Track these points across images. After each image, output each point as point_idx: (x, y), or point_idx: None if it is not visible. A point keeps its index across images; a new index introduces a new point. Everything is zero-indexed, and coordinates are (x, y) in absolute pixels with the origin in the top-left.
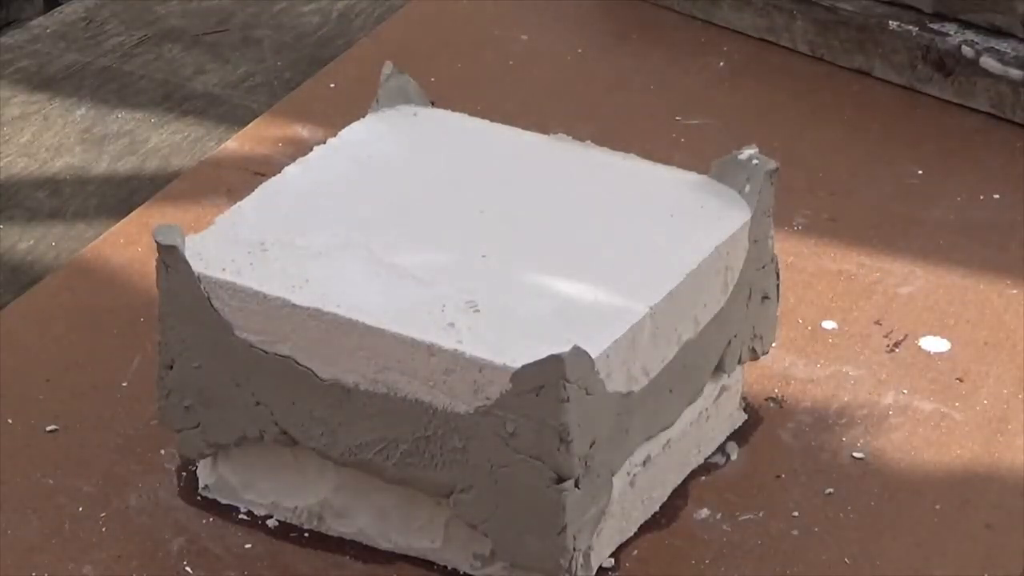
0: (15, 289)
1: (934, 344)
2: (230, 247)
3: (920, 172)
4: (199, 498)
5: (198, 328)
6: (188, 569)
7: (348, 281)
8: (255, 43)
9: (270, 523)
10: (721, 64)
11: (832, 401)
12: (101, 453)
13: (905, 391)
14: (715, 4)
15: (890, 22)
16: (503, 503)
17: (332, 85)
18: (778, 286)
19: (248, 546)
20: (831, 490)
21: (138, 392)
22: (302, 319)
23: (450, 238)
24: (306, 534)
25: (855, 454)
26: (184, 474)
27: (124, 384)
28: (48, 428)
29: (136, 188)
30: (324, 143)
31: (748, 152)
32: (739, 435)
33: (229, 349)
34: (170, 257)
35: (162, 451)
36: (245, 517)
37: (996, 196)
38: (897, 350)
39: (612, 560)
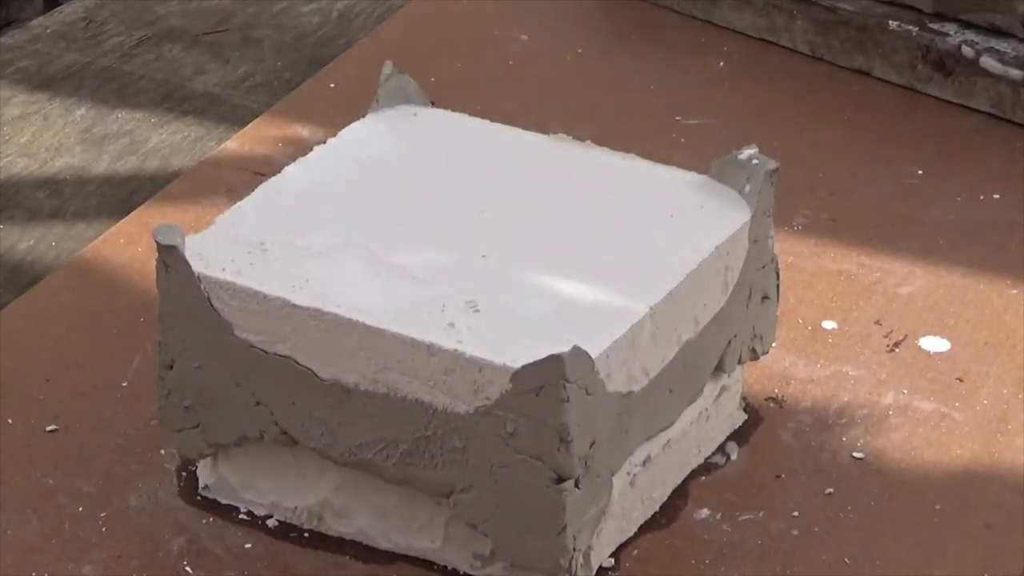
0: (15, 289)
1: (934, 344)
2: (230, 247)
3: (920, 172)
4: (199, 498)
5: (198, 328)
6: (188, 569)
7: (348, 281)
8: (255, 43)
9: (270, 523)
10: (721, 64)
11: (832, 401)
12: (101, 453)
13: (905, 391)
14: (715, 4)
15: (890, 22)
16: (503, 503)
17: (332, 85)
18: (778, 286)
19: (248, 546)
20: (831, 490)
21: (138, 392)
22: (302, 319)
23: (450, 238)
24: (306, 534)
25: (855, 454)
26: (184, 474)
27: (124, 384)
28: (48, 428)
29: (136, 188)
30: (324, 143)
31: (748, 152)
32: (739, 435)
33: (229, 349)
34: (170, 257)
35: (162, 451)
36: (245, 517)
37: (996, 196)
38: (897, 350)
39: (612, 560)
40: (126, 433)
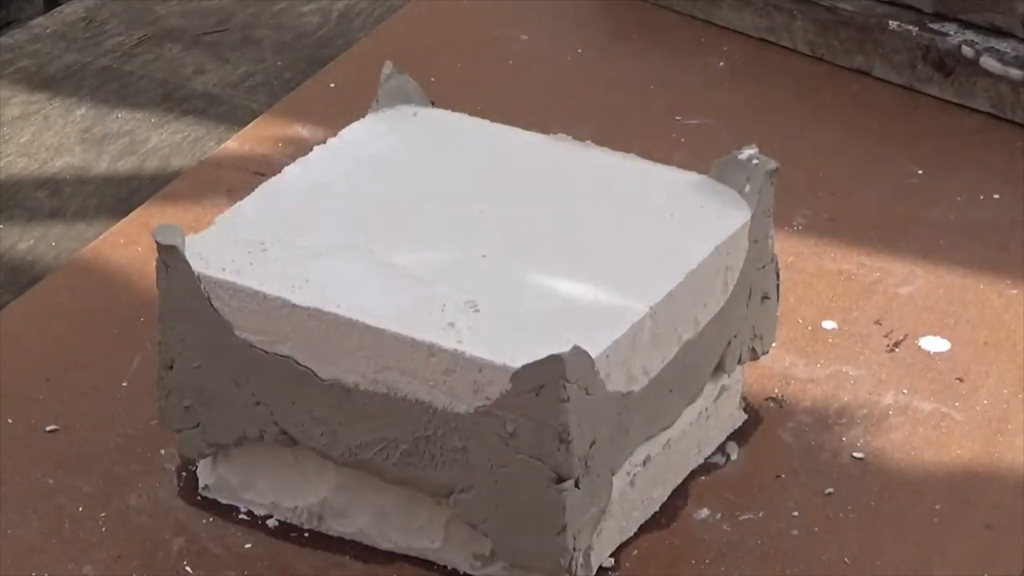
0: (15, 289)
1: (934, 344)
2: (230, 247)
3: (920, 172)
4: (199, 498)
5: (198, 328)
6: (188, 569)
7: (348, 281)
8: (255, 43)
9: (270, 523)
10: (721, 64)
11: (832, 401)
12: (101, 453)
13: (905, 391)
14: (715, 4)
15: (890, 22)
16: (503, 503)
17: (332, 85)
18: (778, 286)
19: (248, 546)
20: (831, 490)
21: (138, 392)
22: (302, 319)
23: (450, 238)
24: (306, 534)
25: (855, 454)
26: (184, 474)
27: (124, 384)
28: (48, 428)
29: (136, 188)
30: (324, 143)
31: (748, 152)
32: (739, 435)
33: (229, 349)
34: (170, 257)
35: (162, 451)
36: (245, 517)
37: (996, 196)
38: (897, 350)
39: (612, 560)
40: (126, 433)
